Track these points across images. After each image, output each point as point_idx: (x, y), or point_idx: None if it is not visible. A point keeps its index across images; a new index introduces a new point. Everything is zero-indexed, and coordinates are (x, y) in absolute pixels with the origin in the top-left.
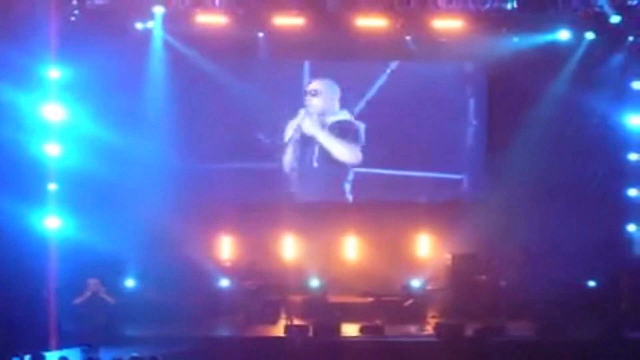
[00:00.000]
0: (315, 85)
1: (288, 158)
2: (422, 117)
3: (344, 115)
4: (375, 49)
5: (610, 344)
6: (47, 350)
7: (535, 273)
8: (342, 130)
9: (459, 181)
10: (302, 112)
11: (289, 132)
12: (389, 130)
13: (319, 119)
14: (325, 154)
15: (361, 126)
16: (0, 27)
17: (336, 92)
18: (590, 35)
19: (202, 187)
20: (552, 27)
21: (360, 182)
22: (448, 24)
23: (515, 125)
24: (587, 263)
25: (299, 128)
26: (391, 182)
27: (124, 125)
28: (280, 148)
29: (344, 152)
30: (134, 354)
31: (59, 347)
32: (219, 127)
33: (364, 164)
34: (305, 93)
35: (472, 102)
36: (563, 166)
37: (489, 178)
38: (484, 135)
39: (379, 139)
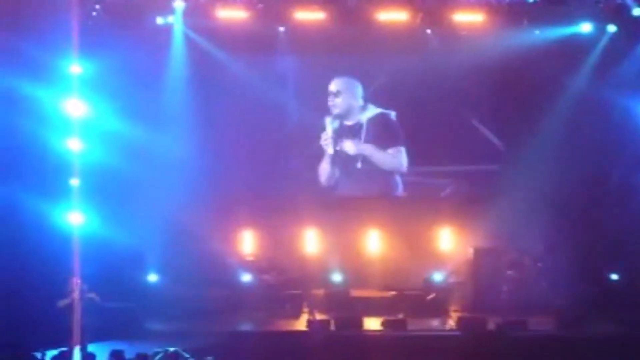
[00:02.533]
0: (335, 85)
1: (326, 170)
2: (443, 111)
3: (373, 111)
4: (395, 43)
5: (632, 339)
6: (70, 345)
7: (556, 268)
8: (379, 130)
9: (480, 175)
10: (328, 120)
11: (325, 145)
12: (413, 125)
13: (350, 122)
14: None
15: (393, 113)
16: (22, 23)
17: (358, 88)
18: (612, 28)
19: (223, 181)
20: (574, 19)
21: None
22: (469, 17)
23: (536, 119)
24: (609, 257)
25: (334, 143)
26: (416, 176)
27: (145, 120)
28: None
29: (387, 160)
30: (157, 349)
31: (82, 343)
32: (240, 122)
33: None
34: (328, 94)
35: (491, 96)
36: (584, 159)
37: (509, 172)
38: (504, 129)
39: (407, 133)
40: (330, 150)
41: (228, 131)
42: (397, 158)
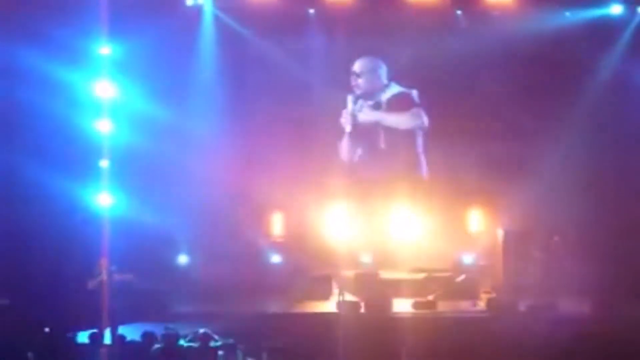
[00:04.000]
0: (359, 65)
1: (346, 146)
2: (471, 92)
3: (395, 89)
4: (425, 24)
5: None
6: (100, 327)
7: (587, 249)
8: (398, 103)
9: (509, 155)
10: (349, 98)
11: (344, 122)
12: (439, 106)
13: (371, 101)
14: (391, 133)
15: (414, 92)
16: (53, 6)
17: (381, 68)
18: None
19: (252, 162)
20: (604, 1)
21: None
22: None
23: (566, 101)
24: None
25: (354, 119)
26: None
27: (174, 101)
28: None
29: (409, 120)
30: (186, 330)
31: (113, 324)
32: (268, 102)
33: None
34: (351, 74)
35: (521, 78)
36: (615, 140)
37: (539, 152)
38: (533, 110)
39: (433, 113)
40: (348, 128)
41: (256, 112)
42: (416, 115)
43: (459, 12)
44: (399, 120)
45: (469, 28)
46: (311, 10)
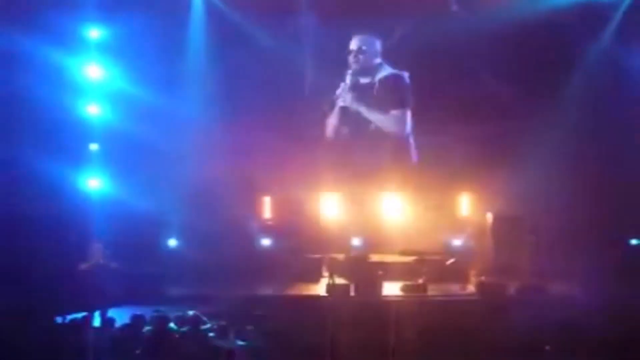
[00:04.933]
0: (355, 42)
1: (334, 123)
2: (461, 74)
3: (387, 70)
4: (415, 5)
5: None
6: (90, 310)
7: (576, 232)
8: (388, 91)
9: (498, 138)
10: (348, 73)
11: (339, 96)
12: (428, 87)
13: (365, 81)
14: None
15: (405, 74)
16: None
17: (377, 45)
18: None
19: (242, 145)
20: None
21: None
22: None
23: (556, 84)
24: (630, 222)
25: (345, 98)
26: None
27: (164, 84)
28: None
29: (392, 124)
30: (178, 312)
31: (102, 307)
32: (258, 85)
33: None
34: (348, 51)
35: (511, 60)
36: (605, 125)
37: (528, 136)
38: (523, 94)
39: (423, 96)
40: (342, 102)
41: (247, 95)
42: (400, 120)
43: None
44: (383, 121)
45: (460, 11)
46: None
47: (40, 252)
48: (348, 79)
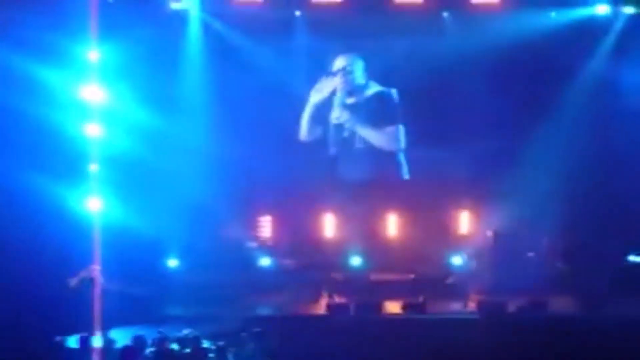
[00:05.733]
0: (339, 63)
1: (306, 124)
2: (457, 93)
3: (375, 88)
4: (410, 26)
5: None
6: (90, 331)
7: (577, 249)
8: (377, 108)
9: (495, 156)
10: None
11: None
12: (424, 106)
13: (351, 101)
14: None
15: (393, 91)
16: (41, 9)
17: (359, 66)
18: (628, 10)
19: (241, 166)
20: (590, 1)
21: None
22: None
23: (552, 101)
24: (629, 238)
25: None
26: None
27: (163, 106)
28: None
29: (383, 140)
30: (177, 333)
31: (103, 328)
32: (256, 106)
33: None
34: (332, 72)
35: (507, 78)
36: (603, 142)
37: (526, 154)
38: (518, 111)
39: (416, 115)
40: (335, 120)
41: (245, 116)
42: (393, 137)
43: (445, 14)
44: (374, 137)
45: (454, 29)
46: (297, 13)
47: (39, 273)
48: (336, 99)
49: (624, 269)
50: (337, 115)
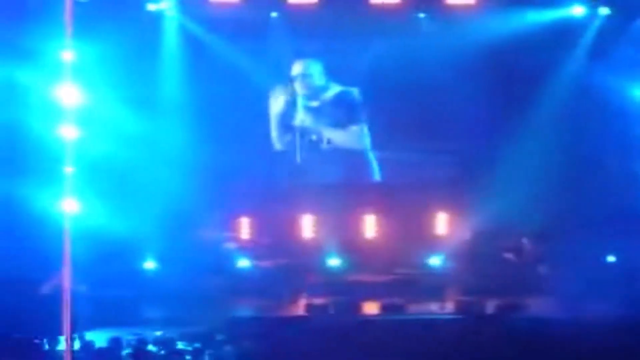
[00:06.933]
0: (297, 68)
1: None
2: (432, 94)
3: (336, 88)
4: (387, 27)
5: (630, 319)
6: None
7: (555, 250)
8: (340, 108)
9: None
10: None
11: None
12: (398, 107)
13: (314, 104)
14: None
15: (355, 90)
16: (15, 10)
17: (319, 68)
18: (604, 11)
19: (219, 167)
20: (566, 1)
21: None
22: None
23: (529, 102)
24: (606, 240)
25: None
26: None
27: (139, 107)
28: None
29: (349, 139)
30: (154, 335)
31: (79, 330)
32: (233, 108)
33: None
34: (290, 77)
35: (482, 79)
36: (581, 143)
37: (504, 155)
38: (495, 112)
39: (394, 116)
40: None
41: (221, 117)
42: (357, 135)
43: (421, 15)
44: (340, 138)
45: (431, 30)
46: (274, 14)
47: (16, 275)
48: (298, 103)
49: (603, 270)
50: (301, 118)
